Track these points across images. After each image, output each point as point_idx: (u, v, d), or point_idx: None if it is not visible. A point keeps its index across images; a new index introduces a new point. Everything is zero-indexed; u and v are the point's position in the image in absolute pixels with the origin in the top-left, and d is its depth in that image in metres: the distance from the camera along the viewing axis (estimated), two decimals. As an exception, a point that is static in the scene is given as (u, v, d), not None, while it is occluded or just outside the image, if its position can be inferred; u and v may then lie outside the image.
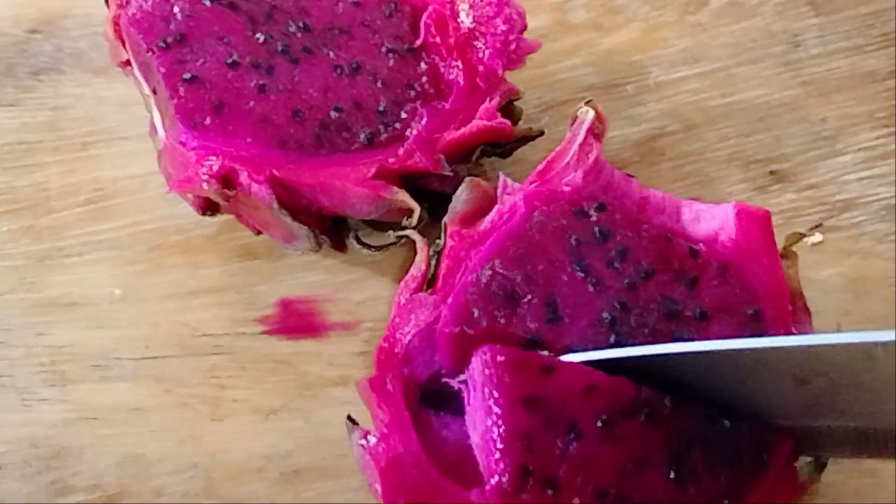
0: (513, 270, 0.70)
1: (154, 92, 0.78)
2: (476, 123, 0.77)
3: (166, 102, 0.76)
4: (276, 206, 0.74)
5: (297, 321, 0.78)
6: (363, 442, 0.67)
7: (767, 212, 0.72)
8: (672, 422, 0.65)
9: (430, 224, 0.77)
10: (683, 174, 0.86)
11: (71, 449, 0.76)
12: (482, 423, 0.65)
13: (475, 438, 0.66)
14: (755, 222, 0.72)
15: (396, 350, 0.69)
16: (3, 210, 0.86)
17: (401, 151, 0.76)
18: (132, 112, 0.86)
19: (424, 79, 0.79)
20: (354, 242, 0.80)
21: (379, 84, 0.78)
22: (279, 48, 0.78)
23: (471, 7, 0.80)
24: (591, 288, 0.69)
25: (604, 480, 0.64)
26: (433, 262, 0.72)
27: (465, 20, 0.80)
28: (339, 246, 0.79)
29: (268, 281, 0.82)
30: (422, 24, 0.80)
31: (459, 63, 0.79)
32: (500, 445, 0.64)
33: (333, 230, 0.79)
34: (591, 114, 0.75)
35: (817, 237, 0.83)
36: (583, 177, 0.73)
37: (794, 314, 0.71)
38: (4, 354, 0.80)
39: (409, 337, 0.70)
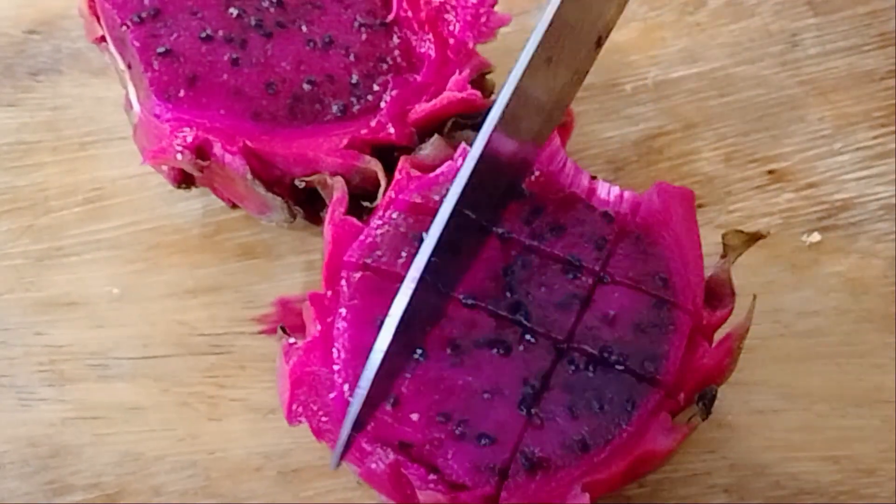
0: (425, 216, 0.71)
1: (129, 66, 0.79)
2: (446, 95, 0.77)
3: (141, 76, 0.77)
4: (249, 176, 0.75)
5: (295, 320, 0.78)
6: (287, 351, 0.69)
7: (689, 191, 0.73)
8: (530, 360, 0.67)
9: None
10: (682, 174, 0.86)
11: (70, 448, 0.76)
12: (339, 338, 0.68)
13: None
14: (675, 199, 0.73)
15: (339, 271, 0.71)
16: (2, 210, 0.86)
17: (373, 123, 0.77)
18: (131, 112, 0.86)
19: (396, 52, 0.80)
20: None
21: (351, 57, 0.79)
22: (252, 23, 0.79)
23: None
24: (497, 239, 0.71)
25: (448, 403, 0.66)
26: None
27: None
28: (313, 218, 0.80)
29: (266, 280, 0.82)
30: None
31: (431, 36, 0.80)
32: (344, 356, 0.67)
33: (307, 202, 0.79)
34: None
35: (815, 237, 0.83)
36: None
37: (720, 297, 0.71)
38: (3, 354, 0.80)
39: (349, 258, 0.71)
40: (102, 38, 0.81)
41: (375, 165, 0.75)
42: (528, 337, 0.68)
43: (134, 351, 0.79)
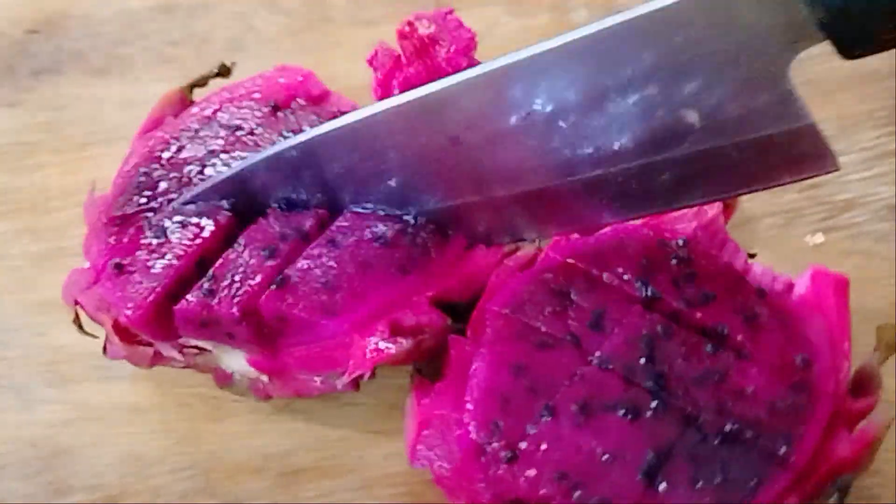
0: (576, 275, 0.71)
1: (230, 336, 0.72)
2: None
3: (281, 320, 0.71)
4: (450, 322, 0.72)
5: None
6: (418, 389, 0.69)
7: (844, 278, 0.72)
8: (657, 427, 0.65)
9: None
10: (684, 174, 0.86)
11: (70, 449, 0.76)
12: (473, 378, 0.68)
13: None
14: (829, 285, 0.71)
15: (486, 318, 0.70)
16: (3, 210, 0.86)
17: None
18: (131, 112, 0.85)
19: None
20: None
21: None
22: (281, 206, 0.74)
23: None
24: (643, 304, 0.69)
25: (566, 463, 0.65)
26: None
27: None
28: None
29: (267, 280, 0.82)
30: None
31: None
32: (476, 396, 0.67)
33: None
34: None
35: (819, 237, 0.83)
36: (694, 228, 0.73)
37: (865, 387, 0.69)
38: (4, 354, 0.80)
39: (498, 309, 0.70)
40: (158, 355, 0.75)
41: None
42: (658, 404, 0.66)
43: (135, 351, 0.79)
